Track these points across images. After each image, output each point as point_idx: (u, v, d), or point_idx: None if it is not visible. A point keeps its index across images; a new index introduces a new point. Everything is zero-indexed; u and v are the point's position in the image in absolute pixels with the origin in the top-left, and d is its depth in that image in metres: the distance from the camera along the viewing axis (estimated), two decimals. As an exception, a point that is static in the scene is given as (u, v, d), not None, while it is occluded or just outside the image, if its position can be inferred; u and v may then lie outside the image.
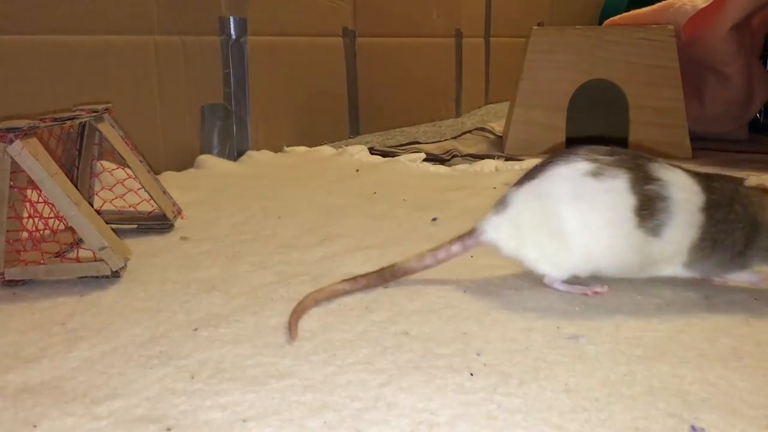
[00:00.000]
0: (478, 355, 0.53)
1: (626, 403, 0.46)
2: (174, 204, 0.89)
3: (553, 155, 0.66)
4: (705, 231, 0.63)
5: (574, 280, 0.66)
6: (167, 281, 0.70)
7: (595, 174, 0.62)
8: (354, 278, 0.65)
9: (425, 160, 1.38)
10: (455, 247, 0.67)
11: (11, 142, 0.65)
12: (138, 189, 0.88)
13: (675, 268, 0.66)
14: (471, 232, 0.67)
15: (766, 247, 0.64)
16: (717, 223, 0.64)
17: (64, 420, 0.44)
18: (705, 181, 0.66)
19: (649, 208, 0.62)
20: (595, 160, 0.63)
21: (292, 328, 0.56)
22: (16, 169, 0.67)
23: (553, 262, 0.65)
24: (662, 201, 0.62)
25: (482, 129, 1.82)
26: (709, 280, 0.68)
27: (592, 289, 0.65)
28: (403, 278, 0.67)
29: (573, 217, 0.62)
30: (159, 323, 0.59)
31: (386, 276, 0.66)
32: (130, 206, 0.91)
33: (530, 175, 0.65)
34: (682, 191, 0.63)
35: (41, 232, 0.73)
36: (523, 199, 0.65)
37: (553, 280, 0.66)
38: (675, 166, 0.67)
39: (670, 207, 0.63)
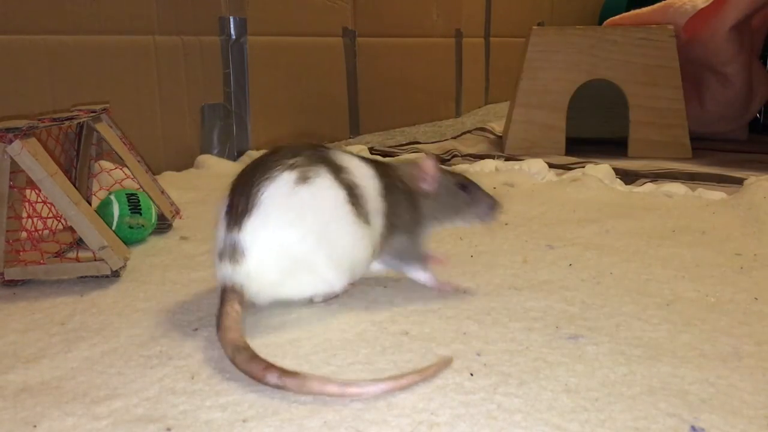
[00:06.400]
0: (478, 355, 0.53)
1: (626, 403, 0.46)
2: (172, 204, 0.89)
3: (246, 170, 0.60)
4: (386, 216, 0.63)
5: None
6: (167, 281, 0.70)
7: (303, 180, 0.58)
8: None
9: (425, 160, 1.38)
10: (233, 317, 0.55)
11: (11, 142, 0.65)
12: (136, 189, 0.88)
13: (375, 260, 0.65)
14: (230, 291, 0.57)
15: (432, 211, 0.65)
16: (391, 205, 0.63)
17: (64, 420, 0.44)
18: (375, 164, 0.65)
19: (354, 198, 0.60)
20: (293, 167, 0.59)
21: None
22: (15, 169, 0.67)
23: (325, 282, 0.60)
24: (357, 188, 0.61)
25: (482, 129, 1.82)
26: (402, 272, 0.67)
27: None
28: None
29: (312, 232, 0.58)
30: (159, 323, 0.59)
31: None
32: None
33: (244, 206, 0.58)
34: (366, 177, 0.62)
35: (40, 232, 0.73)
36: (259, 238, 0.57)
37: (322, 297, 0.62)
38: (346, 152, 0.65)
39: (364, 194, 0.61)
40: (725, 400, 0.46)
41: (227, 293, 0.57)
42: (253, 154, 1.37)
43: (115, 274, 0.69)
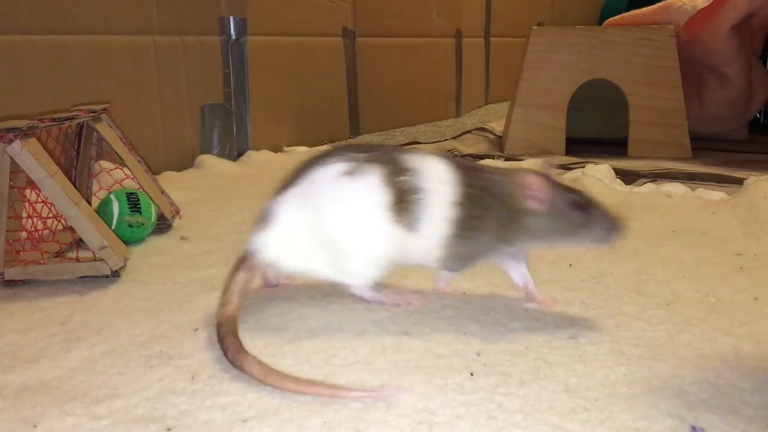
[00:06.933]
0: (478, 355, 0.53)
1: (626, 403, 0.46)
2: (172, 204, 0.89)
3: (312, 158, 0.62)
4: (456, 225, 0.59)
5: (379, 288, 0.63)
6: (167, 281, 0.70)
7: (350, 173, 0.59)
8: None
9: (425, 160, 1.38)
10: (241, 280, 0.59)
11: (11, 142, 0.65)
12: (136, 189, 0.88)
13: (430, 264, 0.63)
14: (244, 258, 0.60)
15: (538, 231, 0.60)
16: (468, 217, 0.59)
17: (64, 420, 0.44)
18: (463, 171, 0.61)
19: (402, 203, 0.58)
20: (351, 159, 0.59)
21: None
22: (15, 169, 0.67)
23: (345, 272, 0.60)
24: (416, 194, 0.58)
25: (482, 129, 1.82)
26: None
27: (406, 299, 0.63)
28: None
29: (336, 221, 0.59)
30: (159, 323, 0.59)
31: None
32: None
33: (290, 181, 0.61)
34: (437, 182, 0.59)
35: (40, 232, 0.73)
36: (288, 209, 0.60)
37: (357, 289, 0.62)
38: (437, 155, 0.62)
39: (425, 201, 0.59)
40: (725, 400, 0.46)
41: (242, 261, 0.60)
42: (252, 155, 1.37)
43: (115, 274, 0.69)
